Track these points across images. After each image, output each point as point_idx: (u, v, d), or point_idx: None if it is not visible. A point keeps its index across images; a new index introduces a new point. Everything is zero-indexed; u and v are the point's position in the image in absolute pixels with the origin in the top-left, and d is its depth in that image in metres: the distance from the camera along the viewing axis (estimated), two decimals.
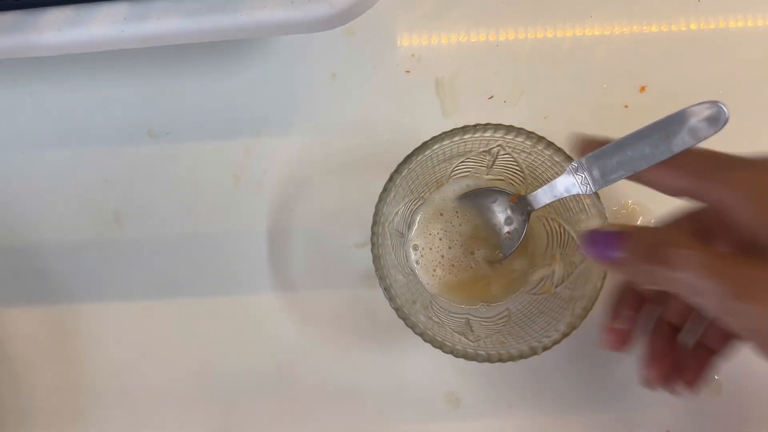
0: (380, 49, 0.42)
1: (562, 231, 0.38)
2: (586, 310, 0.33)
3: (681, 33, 0.42)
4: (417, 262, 0.40)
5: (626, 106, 0.41)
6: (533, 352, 0.34)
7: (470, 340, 0.36)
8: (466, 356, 0.34)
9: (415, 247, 0.40)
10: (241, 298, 0.41)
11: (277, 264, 0.41)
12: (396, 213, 0.38)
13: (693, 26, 0.42)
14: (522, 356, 0.34)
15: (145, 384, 0.41)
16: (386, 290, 0.34)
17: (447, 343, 0.34)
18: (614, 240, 0.28)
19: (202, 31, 0.33)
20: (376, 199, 0.41)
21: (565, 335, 0.33)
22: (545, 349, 0.34)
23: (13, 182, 0.42)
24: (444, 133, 0.34)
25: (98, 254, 0.42)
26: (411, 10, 0.42)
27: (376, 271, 0.34)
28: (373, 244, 0.34)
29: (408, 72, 0.42)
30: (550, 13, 0.42)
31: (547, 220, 0.39)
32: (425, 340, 0.34)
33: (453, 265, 0.40)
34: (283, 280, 0.41)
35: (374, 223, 0.35)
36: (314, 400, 0.41)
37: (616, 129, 0.41)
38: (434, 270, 0.40)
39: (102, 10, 0.34)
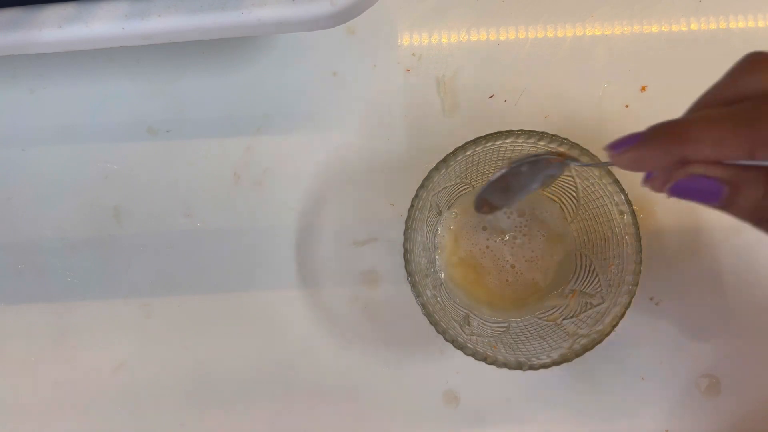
0: (381, 48, 0.42)
1: (591, 270, 0.38)
2: (586, 349, 0.34)
3: (681, 33, 0.42)
4: (441, 243, 0.40)
5: (627, 106, 0.41)
6: (519, 366, 0.34)
7: (464, 333, 0.36)
8: (455, 343, 0.34)
9: (447, 228, 0.40)
10: (239, 296, 0.41)
11: (276, 262, 0.41)
12: (443, 188, 0.38)
13: (693, 26, 0.42)
14: (507, 365, 0.34)
15: (143, 381, 0.41)
16: (406, 252, 0.35)
17: (441, 323, 0.34)
18: (633, 136, 0.26)
19: (203, 28, 0.33)
20: (377, 197, 0.42)
21: (556, 364, 0.34)
22: (531, 368, 0.34)
23: (13, 179, 0.42)
24: (522, 130, 0.34)
25: (98, 251, 0.42)
26: (412, 9, 0.42)
27: (404, 231, 0.35)
28: (412, 206, 0.35)
29: (408, 70, 0.42)
30: (550, 13, 0.42)
31: (581, 255, 0.39)
32: (424, 313, 0.34)
33: (473, 259, 0.40)
34: (282, 278, 0.41)
35: (421, 186, 0.35)
36: (312, 399, 0.41)
37: (617, 129, 0.41)
38: (452, 256, 0.40)
39: (103, 7, 0.33)
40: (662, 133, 0.25)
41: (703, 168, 0.24)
